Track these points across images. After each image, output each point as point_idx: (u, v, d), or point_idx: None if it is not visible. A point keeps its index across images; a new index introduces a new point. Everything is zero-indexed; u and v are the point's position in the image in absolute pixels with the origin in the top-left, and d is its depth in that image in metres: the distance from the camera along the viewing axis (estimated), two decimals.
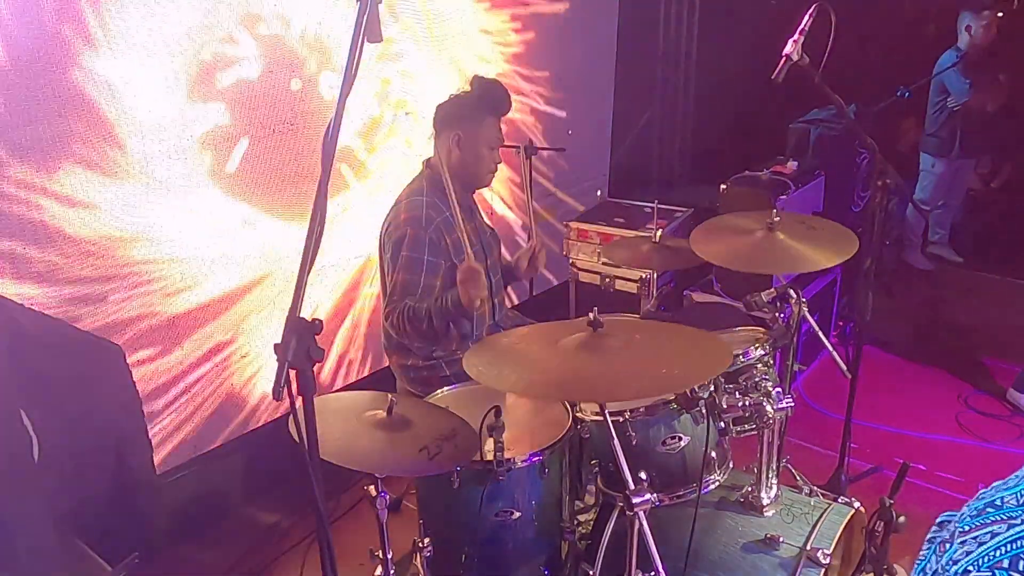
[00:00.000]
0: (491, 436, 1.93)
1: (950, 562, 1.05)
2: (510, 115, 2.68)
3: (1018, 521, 1.03)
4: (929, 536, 1.13)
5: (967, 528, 1.07)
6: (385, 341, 2.74)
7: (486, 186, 2.70)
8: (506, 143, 2.66)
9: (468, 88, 2.59)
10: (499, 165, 2.65)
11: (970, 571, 1.01)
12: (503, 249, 2.89)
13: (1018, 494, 1.06)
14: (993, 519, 1.05)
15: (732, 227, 2.52)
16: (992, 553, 1.01)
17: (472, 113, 2.55)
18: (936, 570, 1.07)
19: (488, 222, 2.85)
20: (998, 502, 1.07)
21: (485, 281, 2.31)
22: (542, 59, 4.23)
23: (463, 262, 2.34)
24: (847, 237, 2.42)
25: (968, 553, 1.03)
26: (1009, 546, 1.01)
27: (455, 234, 2.51)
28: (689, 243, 2.47)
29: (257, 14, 2.88)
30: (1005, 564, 0.99)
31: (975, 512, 1.08)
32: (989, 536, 1.03)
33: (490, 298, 2.65)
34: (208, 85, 2.77)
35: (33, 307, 2.44)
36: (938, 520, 1.16)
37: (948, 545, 1.08)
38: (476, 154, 2.56)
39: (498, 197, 4.15)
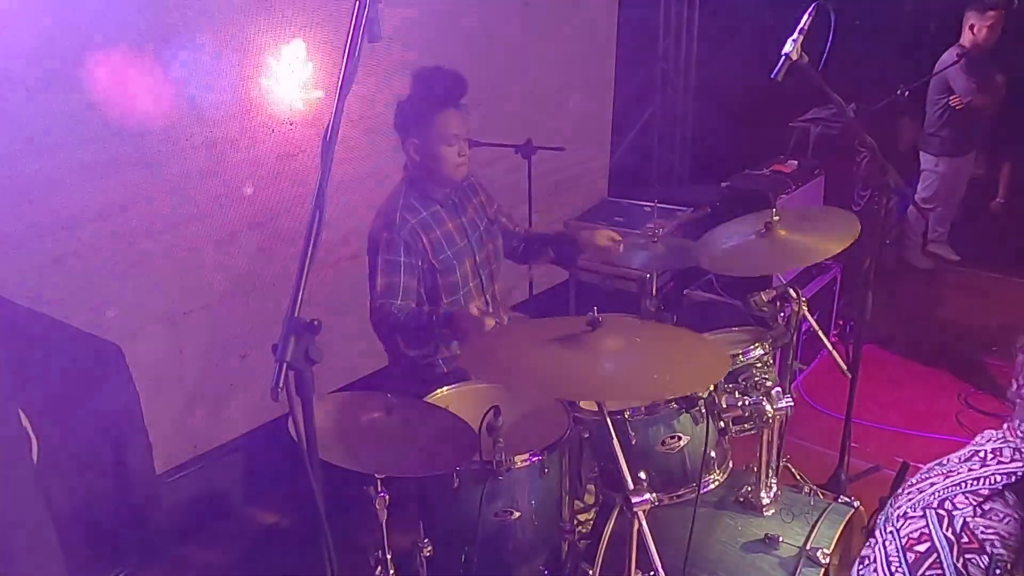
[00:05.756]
0: (491, 436, 1.93)
1: (896, 508, 1.28)
2: (510, 114, 2.64)
3: (955, 472, 1.25)
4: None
5: (915, 481, 1.30)
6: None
7: (459, 181, 2.58)
8: (469, 135, 2.52)
9: (414, 88, 2.48)
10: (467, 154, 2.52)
11: (907, 512, 1.25)
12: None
13: (962, 455, 1.29)
14: (936, 472, 1.28)
15: (731, 234, 2.53)
16: (927, 498, 1.23)
17: (421, 113, 2.45)
18: (887, 516, 1.29)
19: (488, 213, 2.74)
20: (944, 461, 1.31)
21: (488, 328, 2.23)
22: (542, 58, 4.23)
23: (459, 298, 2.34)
24: (847, 220, 2.41)
25: (909, 499, 1.26)
26: (942, 491, 1.23)
27: (434, 233, 2.49)
28: (689, 244, 2.47)
29: None
30: (934, 504, 1.22)
31: (925, 470, 1.31)
32: (929, 485, 1.26)
33: (482, 293, 2.64)
34: None
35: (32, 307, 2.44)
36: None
37: (899, 497, 1.29)
38: (434, 155, 2.47)
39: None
